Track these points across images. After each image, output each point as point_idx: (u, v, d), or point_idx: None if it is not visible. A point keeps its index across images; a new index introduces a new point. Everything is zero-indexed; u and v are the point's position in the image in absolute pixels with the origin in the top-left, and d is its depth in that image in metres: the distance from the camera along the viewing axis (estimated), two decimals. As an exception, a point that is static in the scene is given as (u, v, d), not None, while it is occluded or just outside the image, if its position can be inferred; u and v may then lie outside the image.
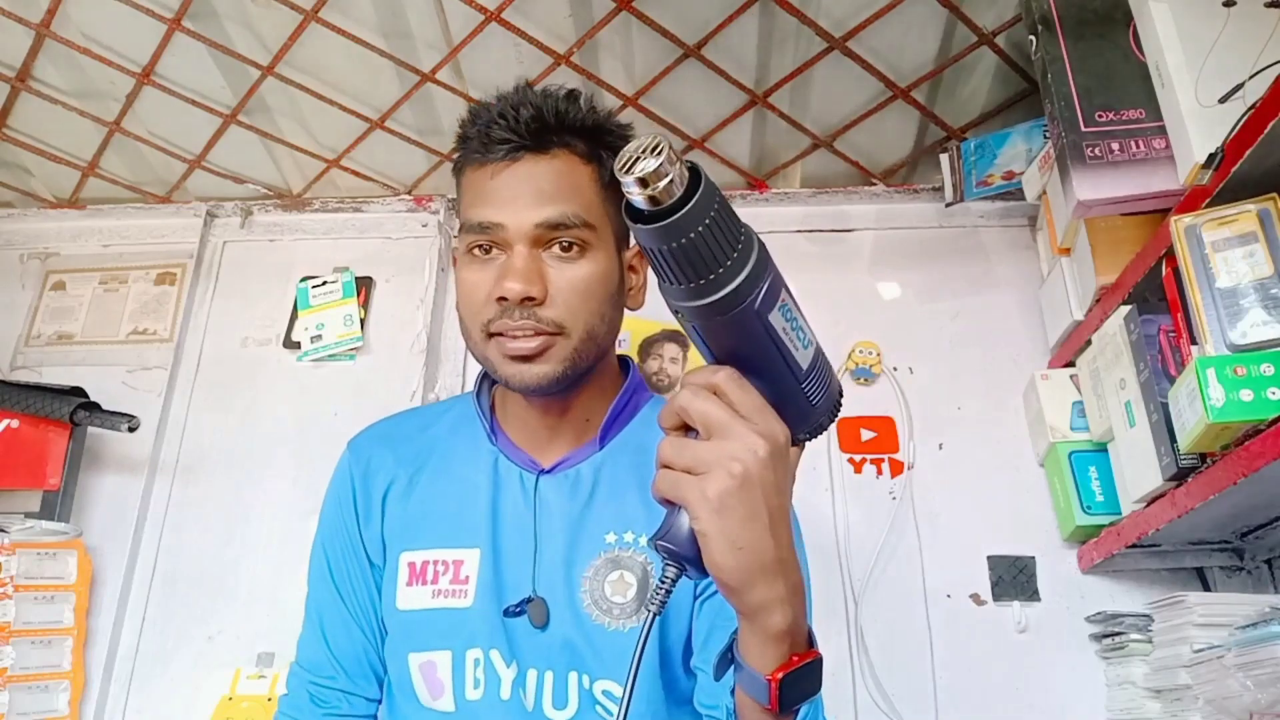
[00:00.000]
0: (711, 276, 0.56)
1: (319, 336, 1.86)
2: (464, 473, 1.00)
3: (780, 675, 0.64)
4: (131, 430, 1.66)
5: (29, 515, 1.66)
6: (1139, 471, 1.34)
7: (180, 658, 1.66)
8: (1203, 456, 1.21)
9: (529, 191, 0.90)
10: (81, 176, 1.96)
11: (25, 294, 2.01)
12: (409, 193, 1.98)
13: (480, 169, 0.92)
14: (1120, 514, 1.45)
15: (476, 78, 1.71)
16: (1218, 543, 1.47)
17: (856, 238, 1.88)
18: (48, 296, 2.00)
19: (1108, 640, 1.47)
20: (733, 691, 0.71)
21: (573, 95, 0.94)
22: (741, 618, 0.65)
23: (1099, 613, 1.49)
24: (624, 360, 1.06)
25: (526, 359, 0.89)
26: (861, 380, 1.74)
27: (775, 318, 0.59)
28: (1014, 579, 1.58)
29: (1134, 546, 1.41)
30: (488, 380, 1.04)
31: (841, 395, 0.67)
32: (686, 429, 0.62)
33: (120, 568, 1.71)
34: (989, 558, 1.60)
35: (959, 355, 1.75)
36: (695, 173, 0.54)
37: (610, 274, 0.94)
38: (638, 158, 0.53)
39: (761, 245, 0.58)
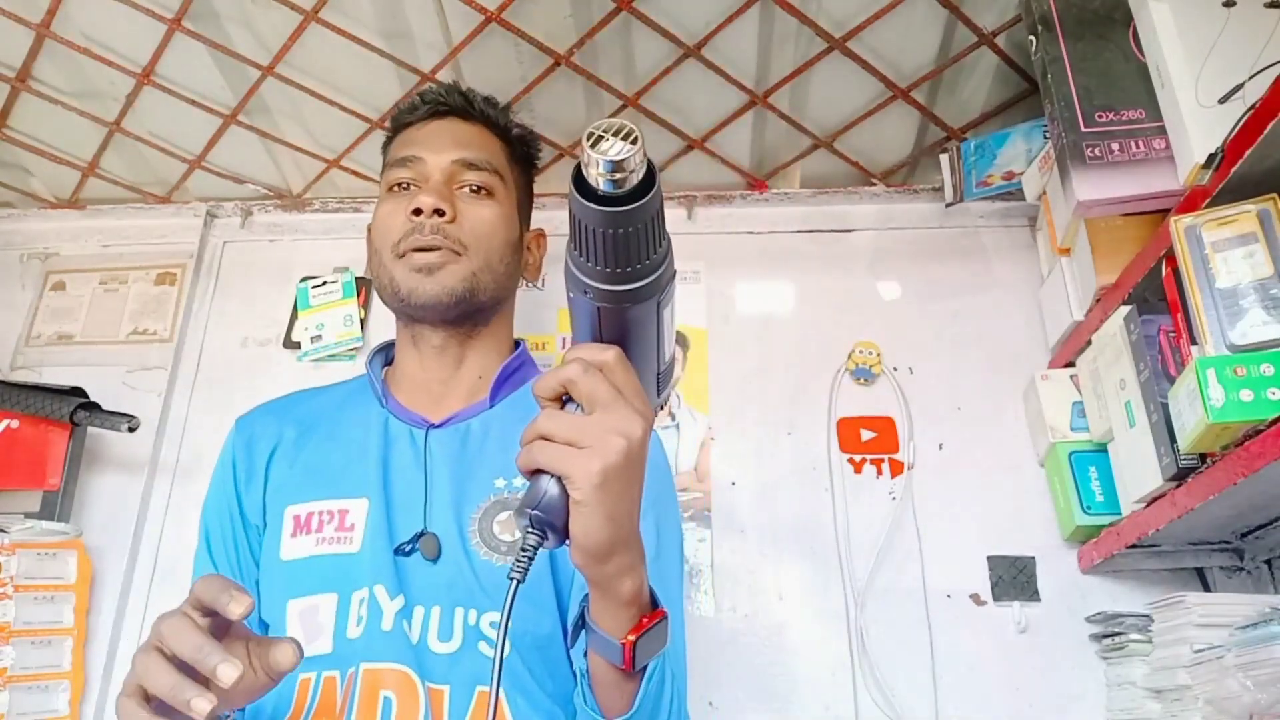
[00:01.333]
0: (637, 266, 0.58)
1: (319, 336, 1.86)
2: (353, 434, 1.06)
3: (633, 638, 0.69)
4: (131, 430, 1.66)
5: (29, 515, 1.66)
6: (1139, 472, 1.35)
7: (180, 658, 1.66)
8: (1203, 457, 1.21)
9: (449, 138, 1.06)
10: (81, 176, 1.96)
11: (25, 294, 2.01)
12: (409, 193, 1.98)
13: (408, 129, 1.08)
14: (1120, 514, 1.45)
15: (476, 78, 1.71)
16: (1218, 543, 1.47)
17: (856, 238, 1.88)
18: (48, 296, 2.00)
19: (1108, 640, 1.47)
20: (584, 654, 0.76)
21: (493, 100, 1.13)
22: (594, 587, 0.69)
23: (1099, 613, 1.49)
24: (517, 341, 1.16)
25: (429, 271, 0.99)
26: (861, 380, 1.74)
27: (666, 312, 0.63)
28: (1014, 579, 1.58)
29: (1134, 547, 1.41)
30: (381, 353, 1.14)
31: (663, 408, 0.73)
32: (563, 403, 0.64)
33: (120, 568, 1.71)
34: (989, 558, 1.60)
35: (959, 355, 1.75)
36: (651, 167, 0.56)
37: (512, 227, 1.07)
38: (609, 139, 0.53)
39: (671, 245, 0.61)
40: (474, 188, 1.04)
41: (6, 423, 1.69)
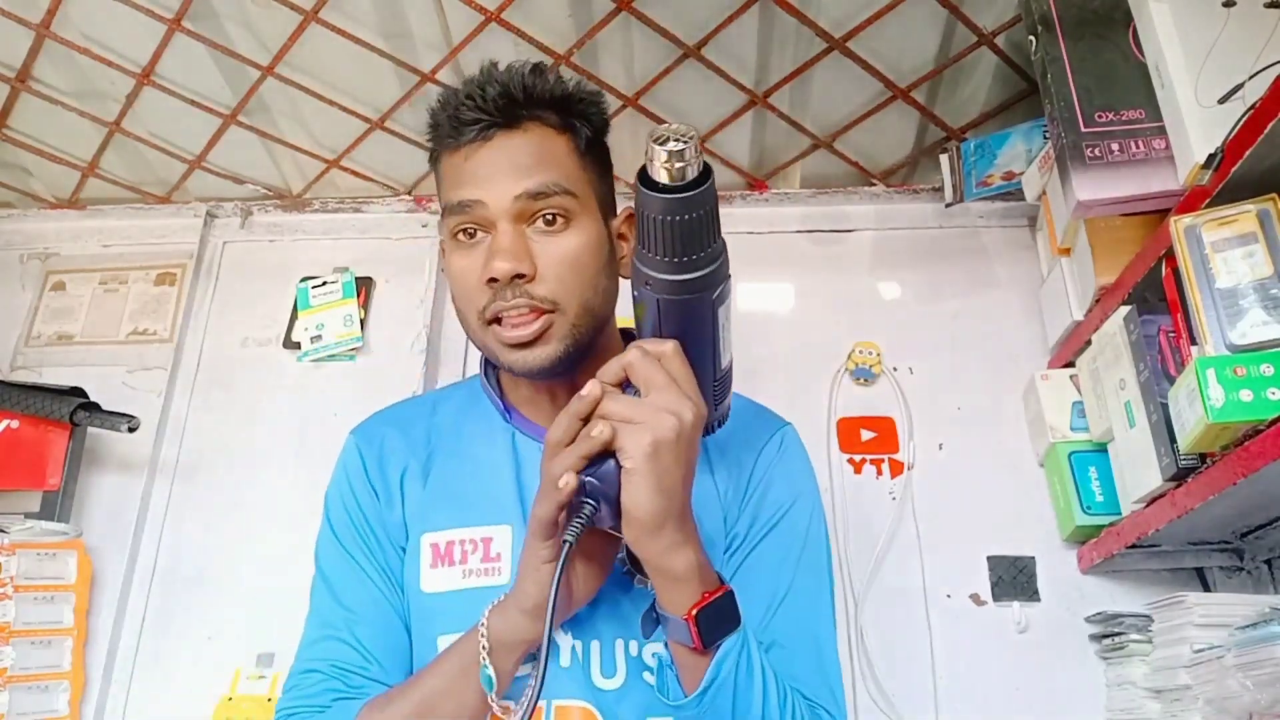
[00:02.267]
0: (695, 256, 0.66)
1: (319, 337, 1.86)
2: (480, 452, 0.97)
3: (695, 612, 0.72)
4: (131, 430, 1.66)
5: (29, 515, 1.66)
6: (1139, 471, 1.34)
7: (180, 658, 1.66)
8: (1203, 457, 1.21)
9: (506, 166, 0.88)
10: (81, 177, 1.96)
11: (25, 294, 2.01)
12: (409, 193, 1.98)
13: (454, 153, 0.90)
14: (1120, 514, 1.45)
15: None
16: (1218, 543, 1.47)
17: (856, 238, 1.88)
18: (48, 296, 2.00)
19: (1108, 640, 1.47)
20: (666, 645, 0.78)
21: (538, 68, 0.93)
22: (650, 568, 0.73)
23: (1099, 613, 1.49)
24: (625, 332, 1.02)
25: (527, 345, 0.87)
26: (861, 380, 1.74)
27: (722, 313, 0.70)
28: (1014, 579, 1.58)
29: (1134, 547, 1.41)
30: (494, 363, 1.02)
31: (725, 420, 0.79)
32: (623, 387, 0.71)
33: (120, 568, 1.71)
34: (989, 558, 1.60)
35: (959, 355, 1.75)
36: (707, 165, 0.65)
37: (600, 242, 0.92)
38: (671, 137, 0.64)
39: (726, 249, 0.69)
40: (548, 218, 0.88)
41: (6, 423, 1.69)
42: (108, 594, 1.69)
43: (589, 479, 0.69)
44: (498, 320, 0.88)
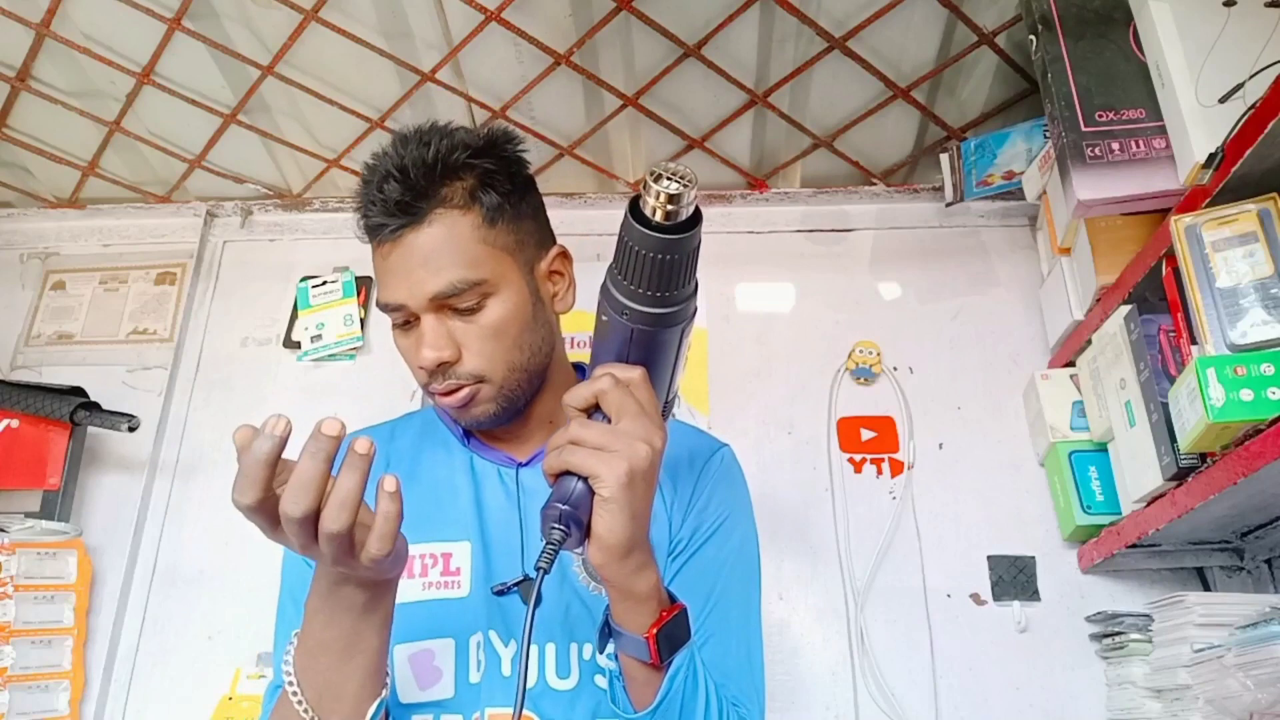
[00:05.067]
0: (674, 292, 0.68)
1: (319, 336, 1.86)
2: (440, 474, 1.03)
3: (655, 631, 0.74)
4: (131, 430, 1.66)
5: (29, 515, 1.66)
6: (1139, 471, 1.34)
7: (180, 658, 1.66)
8: (1203, 456, 1.21)
9: (417, 266, 0.94)
10: (81, 176, 1.96)
11: (25, 294, 2.01)
12: (409, 193, 1.98)
13: (376, 249, 0.98)
14: (1120, 514, 1.45)
15: (476, 78, 1.71)
16: (1218, 543, 1.47)
17: (856, 238, 1.88)
18: (48, 296, 2.00)
19: (1108, 640, 1.47)
20: (613, 657, 0.80)
21: (442, 133, 0.96)
22: (614, 588, 0.75)
23: (1099, 613, 1.49)
24: (579, 366, 1.09)
25: (463, 409, 0.96)
26: (861, 380, 1.74)
27: (684, 344, 0.73)
28: (1014, 579, 1.58)
29: (1134, 546, 1.41)
30: None
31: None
32: (589, 414, 0.72)
33: (120, 568, 1.71)
34: (989, 558, 1.60)
35: (959, 355, 1.75)
36: (698, 209, 0.66)
37: (520, 306, 0.97)
38: (671, 178, 0.63)
39: (698, 281, 0.71)
40: (462, 307, 0.94)
41: (6, 423, 1.69)
42: (108, 594, 1.69)
43: (564, 506, 0.69)
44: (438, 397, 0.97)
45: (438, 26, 1.61)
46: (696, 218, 0.66)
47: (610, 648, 0.80)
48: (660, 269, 0.66)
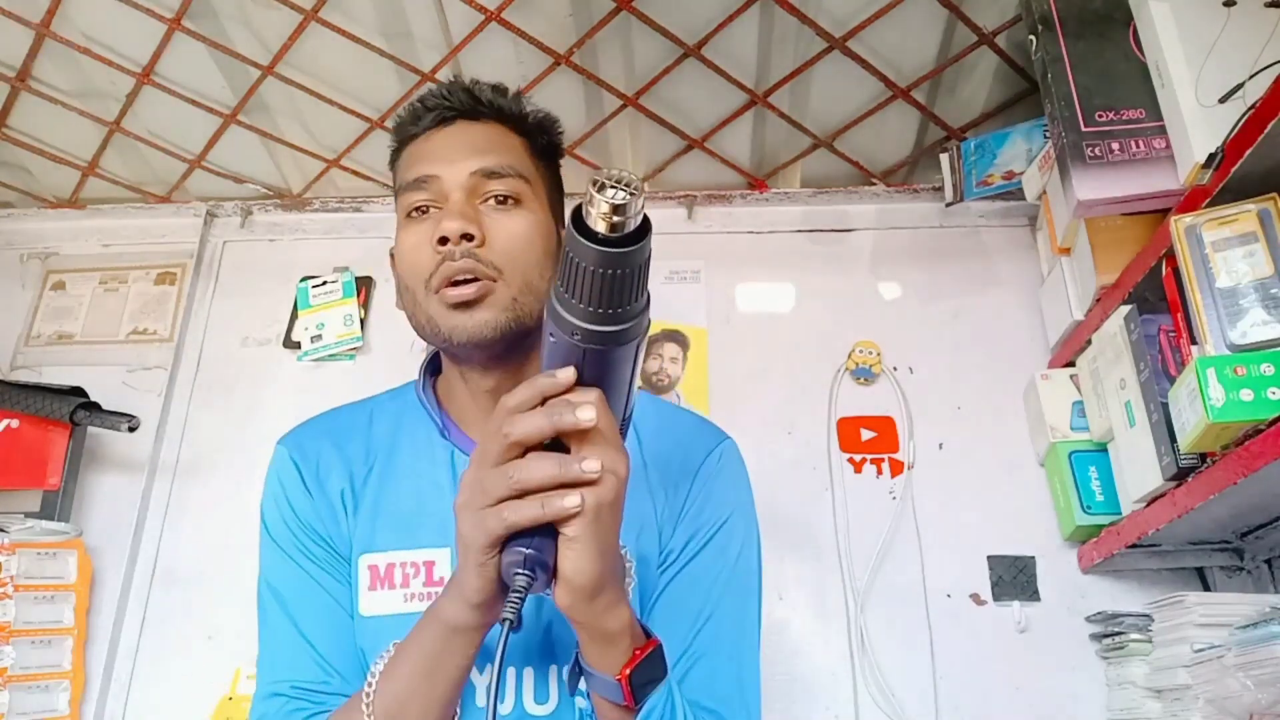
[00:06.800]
0: (625, 308, 0.61)
1: (319, 336, 1.86)
2: (419, 469, 0.96)
3: (629, 672, 0.69)
4: (131, 430, 1.66)
5: (29, 515, 1.66)
6: (1139, 471, 1.34)
7: (180, 657, 1.66)
8: (1203, 456, 1.21)
9: (463, 146, 0.91)
10: (81, 176, 1.96)
11: (25, 294, 2.01)
12: (409, 193, 1.98)
13: (414, 140, 0.94)
14: (1120, 514, 1.45)
15: (477, 78, 1.71)
16: (1218, 543, 1.47)
17: (856, 238, 1.88)
18: (48, 296, 2.00)
19: (1108, 640, 1.47)
20: (585, 695, 0.75)
21: (501, 88, 0.97)
22: (583, 629, 0.69)
23: (1099, 613, 1.49)
24: None
25: (467, 305, 0.87)
26: (861, 380, 1.74)
27: (640, 354, 0.66)
28: (1014, 579, 1.58)
29: (1134, 546, 1.41)
30: (430, 373, 1.03)
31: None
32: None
33: (120, 568, 1.71)
34: (989, 558, 1.60)
35: (959, 355, 1.75)
36: (646, 219, 0.59)
37: (547, 231, 0.93)
38: (615, 187, 0.56)
39: (649, 295, 0.64)
40: (500, 198, 0.90)
41: (6, 423, 1.70)
42: (108, 594, 1.69)
43: (527, 551, 0.63)
44: (441, 287, 0.88)
45: (438, 26, 1.61)
46: (645, 228, 0.59)
47: (583, 684, 0.75)
48: (609, 285, 0.59)
